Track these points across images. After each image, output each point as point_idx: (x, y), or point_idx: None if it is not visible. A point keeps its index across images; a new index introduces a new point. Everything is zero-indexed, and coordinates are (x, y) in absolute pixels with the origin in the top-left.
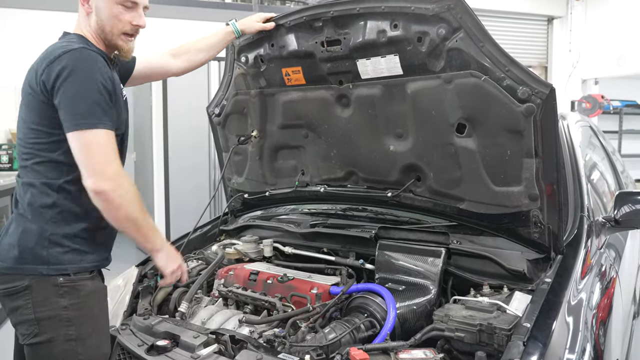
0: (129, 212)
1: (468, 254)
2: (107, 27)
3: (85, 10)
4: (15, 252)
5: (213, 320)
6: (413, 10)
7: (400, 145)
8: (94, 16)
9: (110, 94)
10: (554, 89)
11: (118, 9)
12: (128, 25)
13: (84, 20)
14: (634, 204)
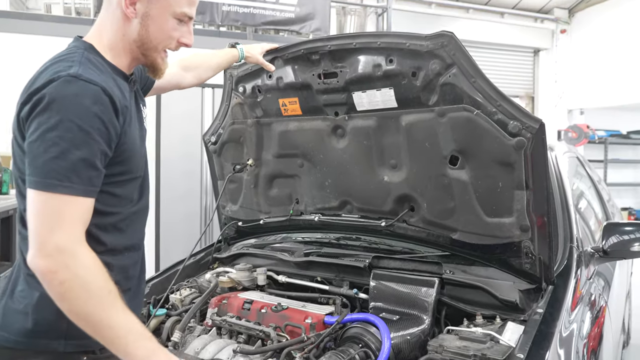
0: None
1: (461, 284)
2: (153, 40)
3: (127, 13)
4: (29, 324)
5: (207, 350)
6: (408, 47)
7: (395, 176)
8: (137, 24)
9: (110, 143)
10: (543, 124)
11: (172, 23)
12: (175, 42)
13: (116, 25)
14: (621, 235)
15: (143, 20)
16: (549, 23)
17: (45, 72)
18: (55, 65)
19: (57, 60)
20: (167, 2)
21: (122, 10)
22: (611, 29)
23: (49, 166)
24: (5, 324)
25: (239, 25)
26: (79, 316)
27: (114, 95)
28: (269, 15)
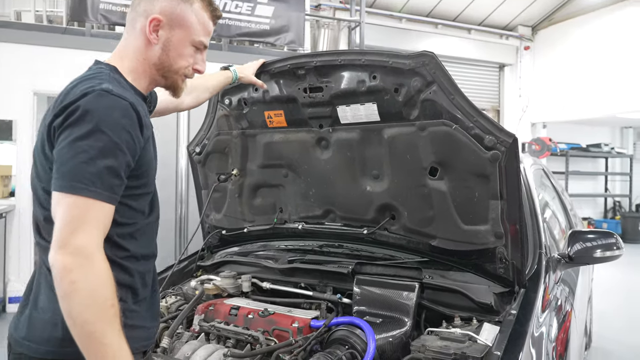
0: (77, 309)
1: (440, 288)
2: (173, 65)
3: (150, 39)
4: (59, 334)
5: (196, 354)
6: (391, 64)
7: (377, 186)
8: (159, 49)
9: (135, 155)
10: (516, 139)
11: (190, 50)
12: (190, 68)
13: (138, 48)
14: (585, 242)
15: (164, 46)
16: (514, 40)
17: (76, 88)
18: (85, 82)
19: (86, 78)
20: (187, 30)
21: (145, 36)
22: (572, 47)
23: (77, 171)
24: (32, 335)
25: (214, 36)
26: (75, 321)
27: (140, 112)
28: (244, 27)
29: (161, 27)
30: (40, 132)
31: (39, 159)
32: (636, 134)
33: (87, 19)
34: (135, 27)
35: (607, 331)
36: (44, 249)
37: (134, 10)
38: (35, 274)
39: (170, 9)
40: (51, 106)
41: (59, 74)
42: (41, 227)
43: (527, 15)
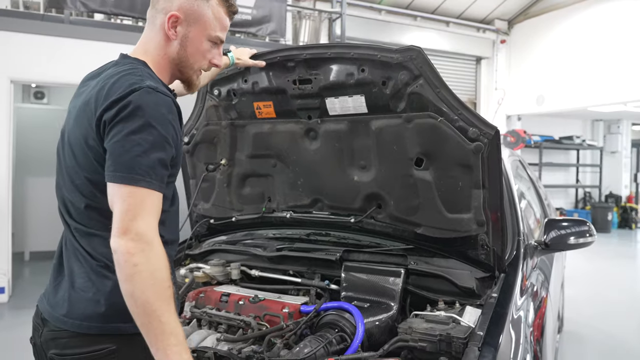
0: (140, 290)
1: (424, 274)
2: (190, 59)
3: (169, 35)
4: (102, 309)
5: (190, 339)
6: (379, 58)
7: (364, 176)
8: (177, 45)
9: (177, 149)
10: (498, 131)
11: (207, 45)
12: (207, 62)
13: (158, 44)
14: (560, 230)
15: (182, 41)
16: (490, 33)
17: (120, 83)
18: (126, 77)
19: (126, 73)
20: (204, 26)
21: (164, 32)
22: (546, 41)
23: (133, 163)
24: (74, 312)
25: None
26: (138, 301)
27: (179, 107)
28: None
29: (179, 23)
30: (80, 123)
31: (80, 149)
32: (606, 127)
33: (65, 6)
34: (155, 23)
35: (578, 316)
36: (82, 234)
37: (153, 7)
38: (61, 256)
39: (188, 5)
40: (97, 98)
41: (37, 62)
42: (78, 212)
43: (504, 9)
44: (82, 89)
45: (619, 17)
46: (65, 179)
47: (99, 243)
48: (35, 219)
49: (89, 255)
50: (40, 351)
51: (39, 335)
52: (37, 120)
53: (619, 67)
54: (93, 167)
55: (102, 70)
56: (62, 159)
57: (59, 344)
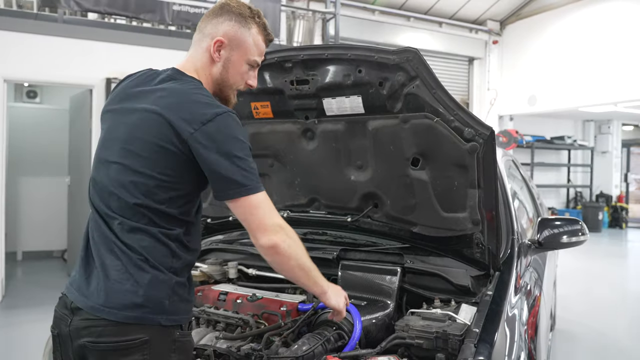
0: (300, 259)
1: (420, 272)
2: (231, 80)
3: (213, 58)
4: (139, 300)
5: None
6: (376, 59)
7: (361, 176)
8: (220, 67)
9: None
10: (493, 131)
11: (245, 68)
12: (244, 83)
13: (204, 65)
14: (553, 229)
15: (225, 64)
16: (483, 34)
17: (200, 106)
18: (201, 98)
19: (199, 93)
20: (245, 51)
21: (210, 54)
22: (538, 42)
23: (248, 177)
24: (111, 301)
25: (189, 25)
26: (299, 265)
27: None
28: None
29: (223, 47)
30: (148, 130)
31: (150, 151)
32: (597, 127)
33: (59, 5)
34: (201, 46)
35: (570, 314)
36: (126, 228)
37: (200, 32)
38: (87, 248)
39: (232, 32)
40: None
41: (30, 61)
42: (127, 207)
43: (496, 10)
44: (134, 92)
45: (610, 19)
46: (111, 175)
47: (142, 237)
48: (27, 219)
49: (128, 248)
50: (66, 340)
51: (67, 324)
52: (29, 119)
53: (610, 68)
54: (166, 168)
55: (155, 78)
56: (103, 156)
57: (94, 332)
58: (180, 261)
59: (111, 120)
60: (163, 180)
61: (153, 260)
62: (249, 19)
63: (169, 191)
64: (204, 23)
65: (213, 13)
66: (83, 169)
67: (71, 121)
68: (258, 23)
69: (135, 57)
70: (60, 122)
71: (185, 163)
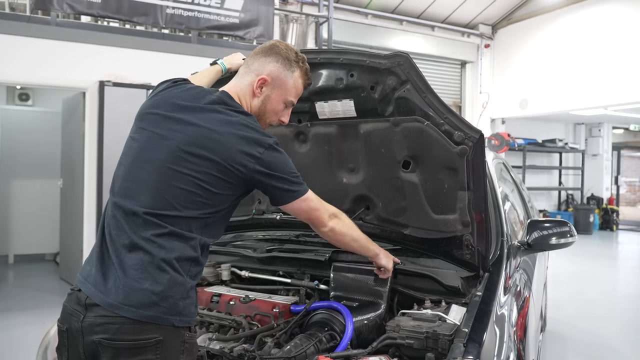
0: (352, 234)
1: (411, 274)
2: (266, 115)
3: (255, 92)
4: (156, 299)
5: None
6: (368, 64)
7: (353, 178)
8: (259, 102)
9: None
10: (482, 134)
11: (281, 107)
12: (277, 119)
13: (246, 96)
14: (542, 230)
15: (264, 100)
16: (475, 38)
17: (253, 142)
18: (253, 132)
19: (251, 127)
20: (284, 91)
21: (252, 88)
22: (530, 46)
23: (295, 184)
24: (130, 299)
25: (183, 28)
26: (354, 240)
27: None
28: (214, 20)
29: (266, 85)
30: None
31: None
32: (587, 130)
33: (52, 8)
34: (246, 79)
35: (560, 316)
36: (154, 227)
37: (247, 66)
38: (103, 244)
39: (277, 73)
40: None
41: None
42: (166, 212)
43: (488, 14)
44: (185, 105)
45: (600, 23)
46: (161, 177)
47: (175, 242)
48: (19, 222)
49: (153, 249)
50: (76, 336)
51: (79, 320)
52: (21, 122)
53: (600, 72)
54: (221, 185)
55: (204, 96)
56: (151, 155)
57: (110, 329)
58: (199, 267)
59: (160, 124)
60: (215, 194)
61: (177, 264)
62: (293, 63)
63: (218, 204)
64: (252, 59)
65: (262, 51)
66: (75, 172)
67: (64, 124)
68: (301, 68)
69: (128, 60)
70: (52, 125)
71: (240, 184)
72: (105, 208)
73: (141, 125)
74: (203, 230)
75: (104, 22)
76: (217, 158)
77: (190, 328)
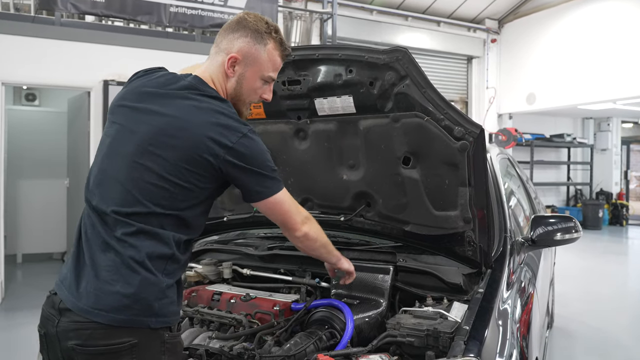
0: (322, 240)
1: (413, 271)
2: (244, 95)
3: (227, 73)
4: (127, 302)
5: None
6: (366, 59)
7: (353, 175)
8: (234, 82)
9: None
10: (483, 130)
11: (260, 83)
12: (258, 97)
13: (219, 78)
14: (547, 226)
15: (239, 79)
16: (481, 33)
17: (227, 128)
18: (227, 120)
19: (225, 114)
20: (259, 67)
21: (224, 69)
22: (536, 40)
23: (271, 180)
24: (101, 303)
25: (186, 26)
26: (323, 245)
27: None
28: (217, 18)
29: (237, 63)
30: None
31: (181, 161)
32: (596, 125)
33: (56, 8)
34: (217, 59)
35: (568, 312)
36: (126, 227)
37: (216, 45)
38: (80, 244)
39: (247, 48)
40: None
41: (28, 64)
42: (136, 209)
43: (494, 8)
44: (154, 92)
45: (608, 17)
46: (130, 173)
47: (146, 240)
48: (27, 222)
49: (124, 249)
50: (53, 341)
51: (54, 325)
52: (29, 122)
53: (609, 66)
54: (192, 177)
55: (175, 82)
56: (119, 149)
57: (82, 335)
58: (175, 265)
59: (128, 116)
60: (186, 188)
61: (149, 263)
62: (265, 35)
63: (190, 199)
64: (221, 37)
65: (230, 27)
66: (81, 171)
67: (69, 123)
68: (275, 38)
69: (132, 59)
70: (58, 124)
71: (212, 176)
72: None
73: (112, 119)
74: (177, 227)
75: (108, 21)
76: (184, 148)
77: (171, 328)
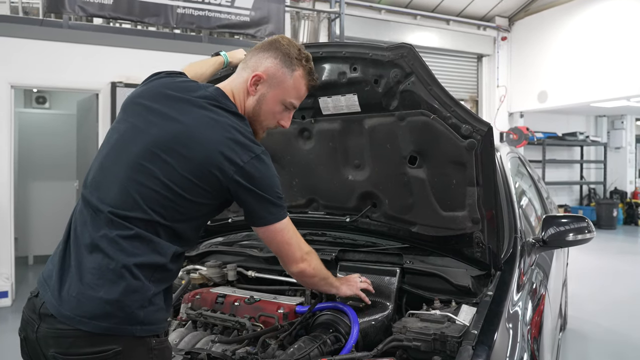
0: (321, 274)
1: (420, 273)
2: (262, 117)
3: (249, 90)
4: (110, 309)
5: (184, 341)
6: (371, 57)
7: (358, 175)
8: (254, 100)
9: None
10: (491, 127)
11: (280, 108)
12: (275, 122)
13: (240, 94)
14: (558, 226)
15: (259, 99)
16: (491, 30)
17: (239, 148)
18: (242, 138)
19: (239, 132)
20: (282, 91)
21: (247, 86)
22: (547, 37)
23: (276, 207)
24: (83, 310)
25: (194, 28)
26: (322, 279)
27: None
28: (224, 19)
29: (261, 82)
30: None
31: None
32: (609, 123)
33: (64, 11)
34: (242, 75)
35: (582, 314)
36: (122, 229)
37: (245, 62)
38: (67, 243)
39: (274, 70)
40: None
41: (37, 67)
42: (134, 212)
43: (504, 6)
44: (170, 95)
45: (621, 13)
46: (135, 175)
47: (139, 247)
48: (38, 223)
49: (114, 252)
50: (34, 346)
51: (34, 330)
52: (39, 125)
53: (622, 63)
54: (196, 190)
55: (196, 90)
56: (127, 146)
57: (63, 343)
58: (165, 273)
59: (141, 115)
60: (187, 200)
61: (137, 270)
62: (295, 61)
63: (190, 212)
64: (250, 54)
65: (261, 47)
66: None
67: (78, 126)
68: (304, 67)
69: (140, 61)
70: (68, 126)
71: (217, 192)
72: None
73: (123, 116)
74: (172, 238)
75: (116, 23)
76: (195, 159)
77: (158, 335)
